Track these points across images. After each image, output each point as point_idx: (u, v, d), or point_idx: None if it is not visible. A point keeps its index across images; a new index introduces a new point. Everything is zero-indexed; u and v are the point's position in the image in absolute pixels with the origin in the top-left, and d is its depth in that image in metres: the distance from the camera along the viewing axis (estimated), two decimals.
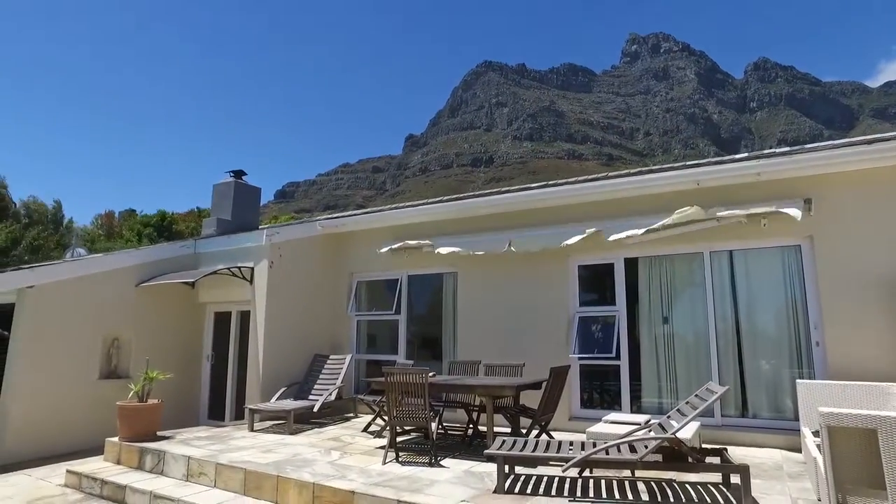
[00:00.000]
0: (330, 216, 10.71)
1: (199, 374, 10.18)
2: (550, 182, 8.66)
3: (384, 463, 5.80)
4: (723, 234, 7.12)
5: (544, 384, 6.34)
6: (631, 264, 7.88)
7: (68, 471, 6.63)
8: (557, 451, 4.88)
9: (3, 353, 8.30)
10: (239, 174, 12.76)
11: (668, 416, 5.11)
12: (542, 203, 8.31)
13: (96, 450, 7.55)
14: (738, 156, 7.34)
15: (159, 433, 7.30)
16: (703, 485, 4.91)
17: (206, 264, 10.04)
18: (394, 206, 10.40)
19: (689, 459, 4.67)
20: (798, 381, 6.01)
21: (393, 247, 9.20)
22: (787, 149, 6.94)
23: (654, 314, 7.68)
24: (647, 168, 8.10)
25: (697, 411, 4.64)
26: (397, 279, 9.71)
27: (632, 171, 8.18)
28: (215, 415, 9.89)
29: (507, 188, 9.10)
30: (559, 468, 5.30)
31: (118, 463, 6.85)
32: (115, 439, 7.02)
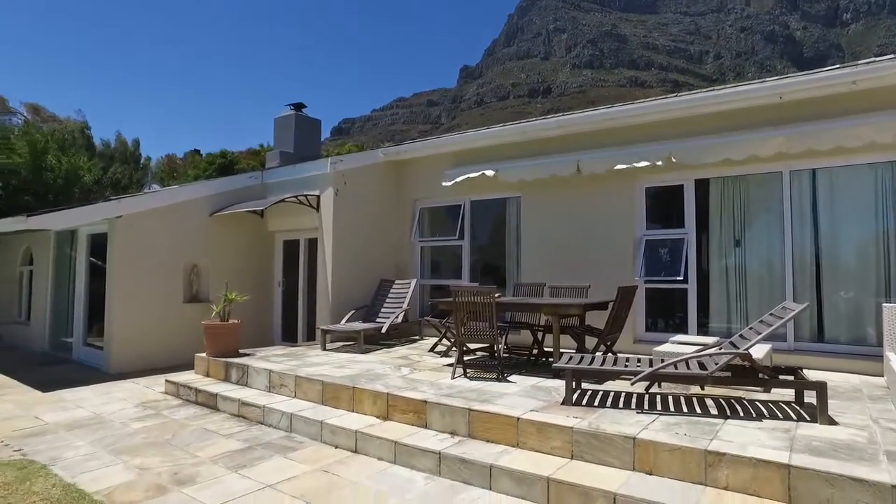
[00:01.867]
0: (392, 144, 10.75)
1: (271, 300, 10.74)
2: (618, 103, 8.31)
3: (453, 378, 6.04)
4: (807, 151, 6.68)
5: (611, 304, 6.34)
6: (702, 185, 7.58)
7: (167, 381, 7.29)
8: (625, 367, 4.93)
9: (103, 281, 9.00)
10: (299, 106, 12.89)
11: (741, 335, 5.03)
12: (611, 123, 8.01)
13: (184, 365, 8.23)
14: (826, 68, 6.78)
15: (241, 350, 7.83)
16: (775, 402, 4.87)
17: (273, 194, 10.38)
18: (457, 132, 10.33)
19: (761, 376, 4.62)
20: (885, 304, 5.75)
21: (456, 176, 9.18)
22: (891, 56, 6.32)
23: (725, 237, 7.43)
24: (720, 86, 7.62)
25: (773, 328, 4.55)
26: (460, 205, 9.76)
27: (704, 89, 7.72)
28: (288, 337, 10.48)
29: (573, 111, 8.82)
30: (626, 385, 5.37)
31: (207, 375, 7.44)
32: (203, 355, 7.60)
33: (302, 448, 5.14)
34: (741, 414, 4.54)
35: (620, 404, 4.88)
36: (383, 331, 8.38)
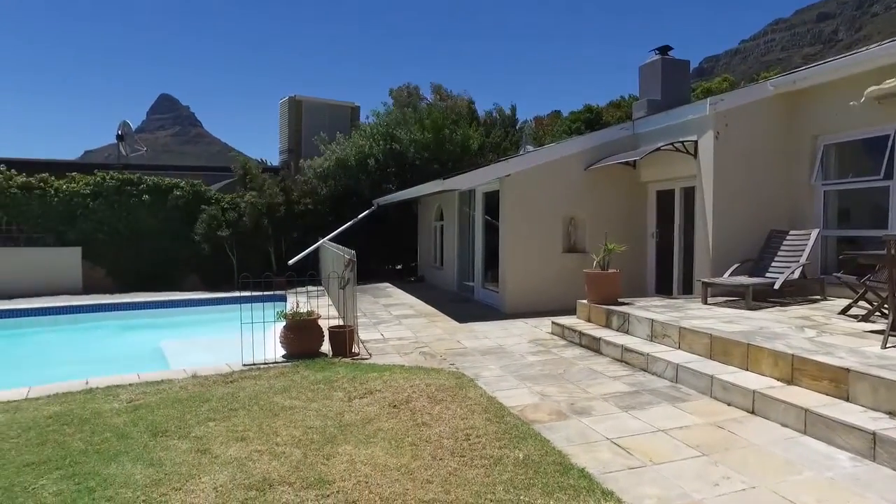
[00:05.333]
0: (783, 73, 9.20)
1: (644, 251, 10.65)
2: None
3: (884, 347, 4.95)
4: None
5: None
6: None
7: (553, 322, 8.05)
8: None
9: (495, 233, 10.44)
10: (664, 50, 12.15)
11: None
12: None
13: (562, 310, 8.90)
14: None
15: (619, 299, 8.04)
16: None
17: (645, 143, 10.14)
18: (878, 43, 8.15)
19: None
20: None
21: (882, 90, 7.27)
22: None
23: None
24: None
25: None
26: (887, 135, 7.74)
27: None
28: (662, 289, 10.27)
29: None
30: None
31: (588, 321, 7.90)
32: (585, 301, 8.08)
33: (690, 400, 5.01)
34: None
35: None
36: (776, 287, 7.42)
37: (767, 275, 8.02)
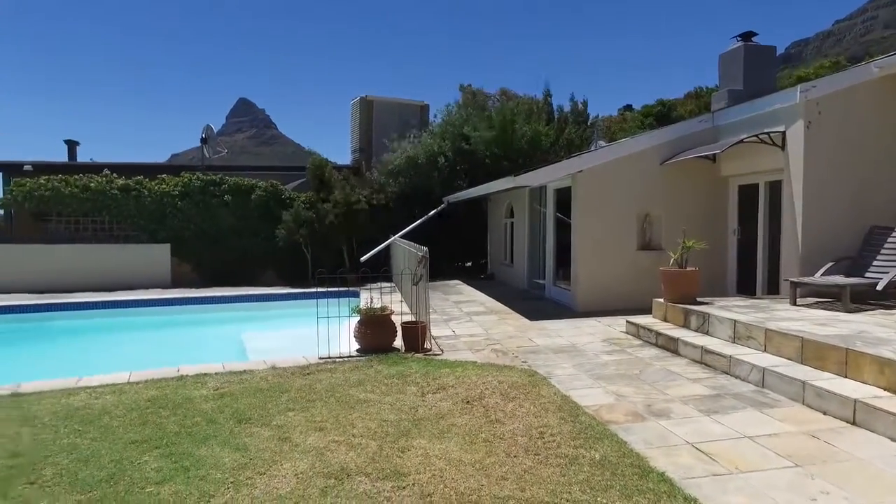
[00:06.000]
0: (890, 54, 8.46)
1: (724, 249, 10.14)
2: None
3: None
4: None
5: None
6: None
7: (627, 322, 7.83)
8: None
9: (565, 230, 10.27)
10: (747, 36, 11.50)
11: None
12: None
13: (636, 309, 8.62)
14: None
15: (698, 299, 7.70)
16: None
17: (725, 136, 9.65)
18: None
19: None
20: None
21: None
22: None
23: None
24: None
25: None
26: None
27: None
28: (744, 289, 9.74)
29: None
30: None
31: (664, 320, 7.62)
32: (661, 300, 7.80)
33: (779, 406, 4.73)
34: None
35: None
36: (878, 288, 6.87)
37: (867, 275, 7.44)
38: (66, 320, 11.36)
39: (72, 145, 21.43)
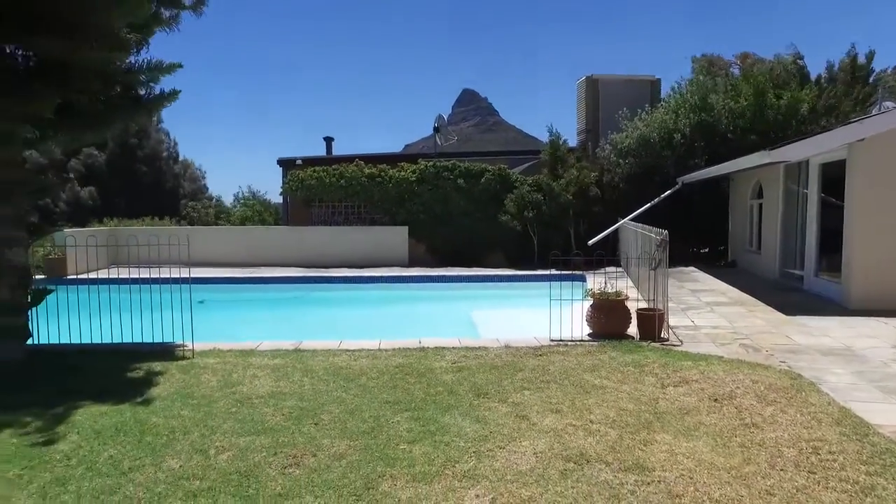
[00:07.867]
0: None
1: None
2: None
3: None
4: None
5: None
6: None
7: None
8: None
9: (832, 213, 8.66)
10: None
11: None
12: None
13: None
14: None
15: None
16: None
17: None
18: None
19: None
20: None
21: None
22: None
23: None
24: None
25: None
26: None
27: None
28: None
29: None
30: None
31: None
32: None
33: None
34: None
35: None
36: None
37: None
38: (324, 292, 13.25)
39: (328, 141, 24.80)
